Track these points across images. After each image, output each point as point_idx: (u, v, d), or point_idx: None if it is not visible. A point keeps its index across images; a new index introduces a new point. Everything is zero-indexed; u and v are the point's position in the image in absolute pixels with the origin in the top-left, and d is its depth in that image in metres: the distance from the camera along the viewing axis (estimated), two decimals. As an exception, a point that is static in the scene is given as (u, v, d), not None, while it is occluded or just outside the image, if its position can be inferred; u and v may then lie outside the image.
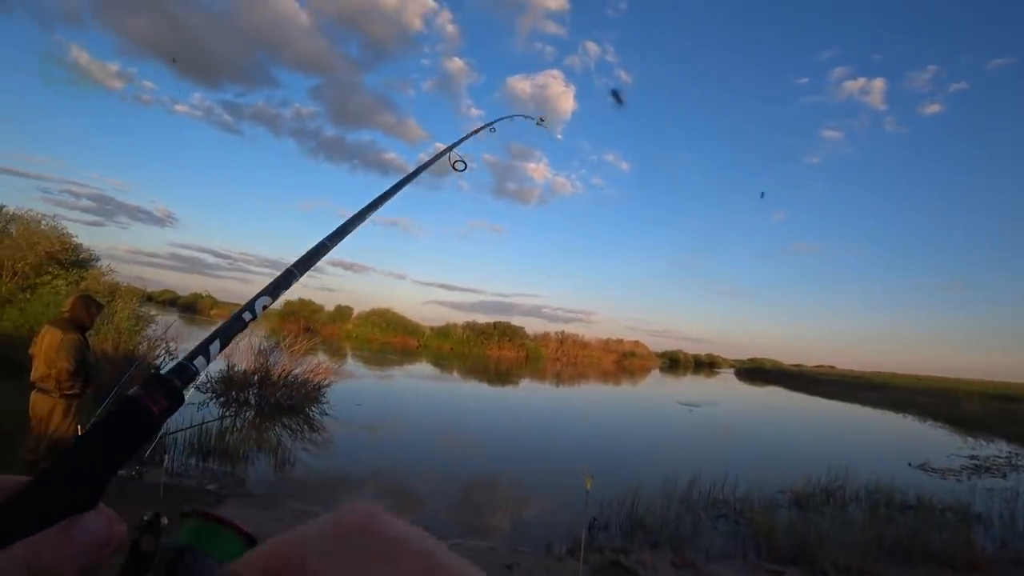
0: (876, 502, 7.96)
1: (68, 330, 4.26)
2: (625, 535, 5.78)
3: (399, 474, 7.73)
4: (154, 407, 0.37)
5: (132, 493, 4.24)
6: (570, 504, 6.92)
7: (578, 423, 15.39)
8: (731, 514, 6.92)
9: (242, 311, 0.55)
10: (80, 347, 4.29)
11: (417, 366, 29.10)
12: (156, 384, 0.38)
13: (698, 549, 5.53)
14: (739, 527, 6.52)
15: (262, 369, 11.36)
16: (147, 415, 0.36)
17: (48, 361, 4.10)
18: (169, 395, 0.38)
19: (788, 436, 17.53)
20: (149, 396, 0.37)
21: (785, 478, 8.63)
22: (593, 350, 61.32)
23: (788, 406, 30.37)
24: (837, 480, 8.55)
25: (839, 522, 6.90)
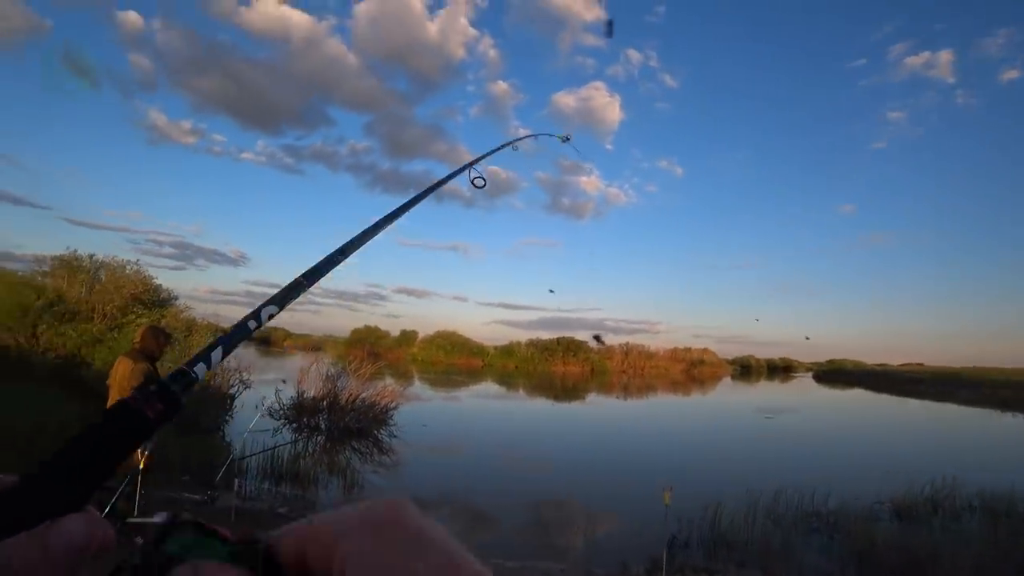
0: (995, 512, 7.10)
1: (138, 360, 4.40)
2: (708, 553, 5.38)
3: (468, 494, 7.59)
4: (150, 412, 0.37)
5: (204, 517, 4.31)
6: (646, 522, 6.56)
7: (650, 436, 14.82)
8: (824, 528, 6.35)
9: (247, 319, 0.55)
10: (150, 376, 4.41)
11: (483, 385, 29.12)
12: (154, 390, 0.39)
13: (790, 568, 5.07)
14: (834, 542, 5.96)
15: (330, 394, 11.60)
16: (142, 419, 0.37)
17: (120, 390, 4.24)
18: (165, 400, 0.39)
19: (880, 442, 16.19)
20: (146, 401, 0.37)
21: (882, 488, 7.86)
22: (660, 360, 59.54)
23: (876, 409, 28.24)
24: (944, 488, 7.73)
25: (952, 536, 6.20)
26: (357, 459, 9.52)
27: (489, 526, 6.46)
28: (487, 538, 5.98)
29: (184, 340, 10.66)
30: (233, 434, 9.54)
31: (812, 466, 10.11)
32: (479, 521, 6.67)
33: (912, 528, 6.41)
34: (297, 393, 11.56)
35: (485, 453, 10.99)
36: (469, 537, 5.99)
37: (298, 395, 11.53)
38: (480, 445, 11.81)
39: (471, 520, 6.69)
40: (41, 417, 6.87)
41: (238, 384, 10.49)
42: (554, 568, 4.53)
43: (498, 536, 6.02)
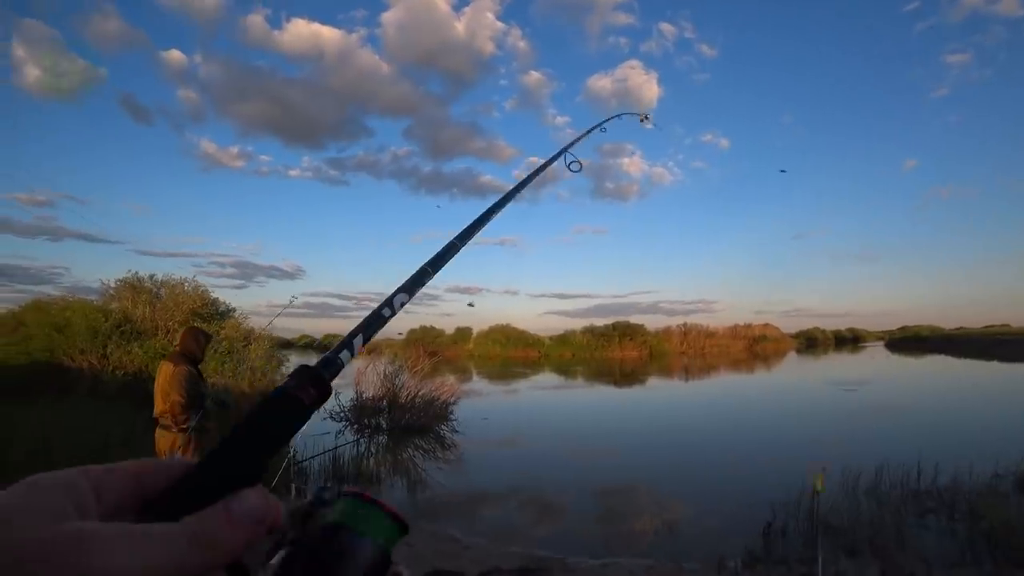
0: None
1: (179, 363, 4.25)
2: (809, 542, 4.80)
3: (536, 487, 7.24)
4: (305, 397, 0.39)
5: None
6: (732, 509, 6.03)
7: (720, 418, 14.04)
8: (941, 508, 5.62)
9: (381, 307, 0.58)
10: (192, 379, 4.25)
11: (540, 376, 28.76)
12: (306, 376, 0.41)
13: (909, 555, 4.45)
14: (956, 523, 5.25)
15: (389, 393, 11.51)
16: (299, 404, 0.39)
17: (164, 395, 4.10)
18: (318, 386, 0.41)
19: (977, 410, 14.81)
20: (300, 388, 0.40)
21: (996, 460, 6.97)
22: (720, 338, 57.71)
23: (964, 376, 26.15)
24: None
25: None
26: (420, 456, 9.34)
27: (562, 519, 6.09)
28: (558, 530, 5.60)
29: (242, 350, 10.78)
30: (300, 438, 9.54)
31: (908, 440, 9.19)
32: (548, 512, 6.31)
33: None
34: (356, 394, 11.52)
35: (549, 443, 10.62)
36: (539, 529, 5.64)
37: (357, 396, 11.49)
38: (543, 435, 11.45)
39: (540, 511, 6.34)
40: (110, 428, 6.99)
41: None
42: (639, 565, 4.10)
43: (572, 530, 5.63)
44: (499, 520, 5.94)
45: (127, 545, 0.27)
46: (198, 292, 13.19)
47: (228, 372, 9.57)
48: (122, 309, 12.19)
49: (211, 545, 0.30)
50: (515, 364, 38.44)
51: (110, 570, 0.26)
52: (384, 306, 0.58)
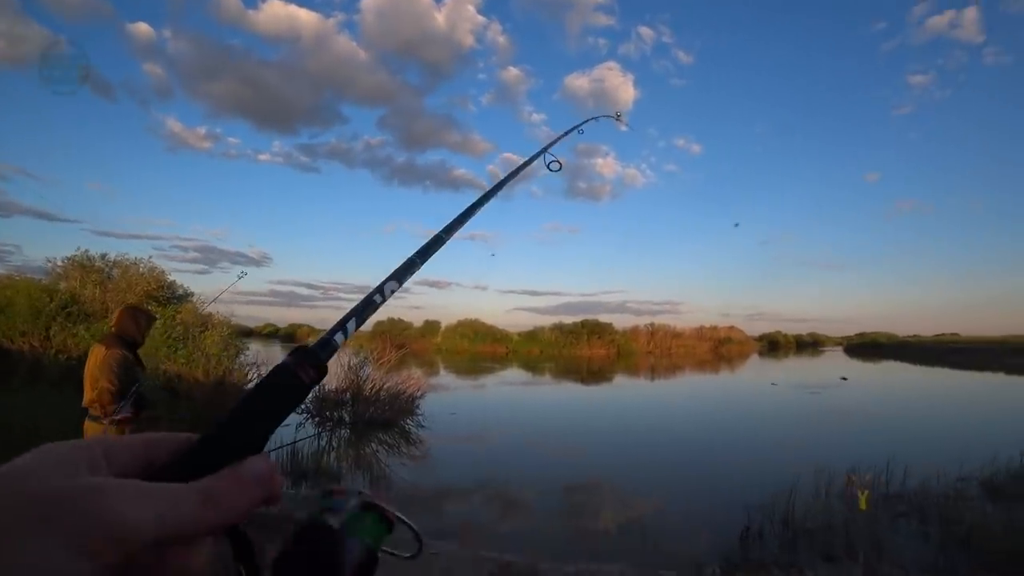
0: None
1: (113, 346, 3.79)
2: (786, 545, 4.69)
3: (505, 485, 6.99)
4: (304, 376, 0.41)
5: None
6: (706, 511, 5.90)
7: (688, 418, 14.06)
8: (912, 512, 5.59)
9: (373, 293, 0.58)
10: (126, 364, 3.77)
11: (509, 372, 28.54)
12: (305, 356, 0.42)
13: (884, 559, 4.35)
14: (929, 527, 5.21)
15: (353, 386, 11.10)
16: (299, 381, 0.40)
17: (92, 382, 3.66)
18: (315, 366, 0.42)
19: (936, 415, 15.22)
20: (299, 365, 0.41)
21: (959, 463, 7.03)
22: (686, 339, 58.57)
23: (921, 381, 26.99)
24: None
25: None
26: (384, 451, 9.01)
27: (528, 518, 5.85)
28: (528, 532, 5.37)
29: (199, 336, 10.21)
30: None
31: (874, 443, 9.27)
32: (517, 512, 6.08)
33: (1011, 508, 5.62)
34: (318, 385, 11.11)
35: (517, 440, 10.39)
36: (508, 530, 5.40)
37: (319, 387, 11.05)
38: (511, 432, 11.22)
39: (508, 511, 6.10)
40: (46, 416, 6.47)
41: (255, 377, 10.02)
42: (613, 570, 3.88)
43: (539, 530, 5.41)
44: (467, 521, 5.66)
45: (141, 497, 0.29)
46: (154, 274, 12.52)
47: (181, 359, 9.01)
48: (69, 289, 11.46)
49: (220, 503, 0.32)
50: (483, 359, 38.15)
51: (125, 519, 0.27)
52: (375, 292, 0.60)
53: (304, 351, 0.43)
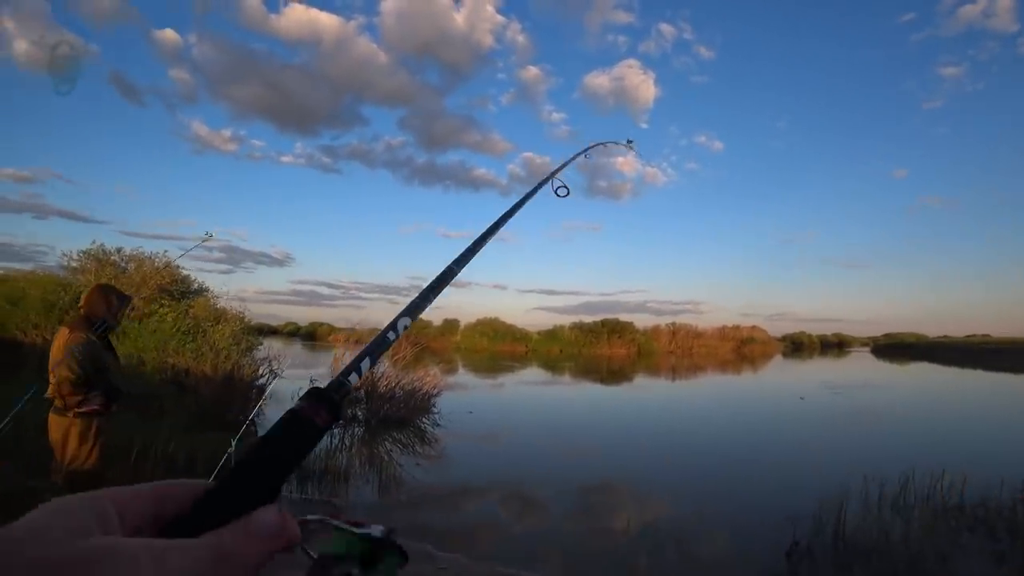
0: None
1: (78, 329, 3.36)
2: (840, 566, 4.18)
3: (522, 492, 6.55)
4: (318, 419, 0.41)
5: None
6: (746, 524, 5.37)
7: (719, 422, 13.47)
8: (976, 526, 5.02)
9: (386, 331, 0.59)
10: (90, 349, 3.33)
11: (529, 371, 28.11)
12: (319, 399, 0.42)
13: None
14: (999, 545, 4.65)
15: (368, 382, 10.77)
16: (312, 425, 0.41)
17: (53, 363, 3.24)
18: (330, 409, 0.42)
19: (982, 418, 14.41)
20: (313, 409, 0.41)
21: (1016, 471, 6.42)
22: (708, 339, 57.57)
23: (957, 383, 25.86)
24: None
25: None
26: (398, 450, 8.64)
27: (548, 529, 5.40)
28: (548, 545, 4.94)
29: (212, 329, 9.99)
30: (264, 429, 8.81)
31: (919, 447, 8.68)
32: (535, 522, 5.63)
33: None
34: (332, 382, 10.80)
35: (536, 442, 9.94)
36: (525, 542, 4.98)
37: (333, 384, 10.77)
38: (530, 434, 10.78)
39: (526, 520, 5.66)
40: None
41: (268, 373, 9.75)
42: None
43: (561, 544, 4.98)
44: (481, 529, 5.24)
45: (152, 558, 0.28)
46: (168, 268, 12.37)
47: (189, 353, 8.77)
48: (85, 283, 11.36)
49: (232, 559, 0.32)
50: (502, 358, 37.77)
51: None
52: (388, 329, 0.60)
53: (317, 394, 0.43)
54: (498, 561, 4.10)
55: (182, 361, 8.59)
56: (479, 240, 0.86)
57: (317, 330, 64.39)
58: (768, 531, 4.88)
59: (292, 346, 43.61)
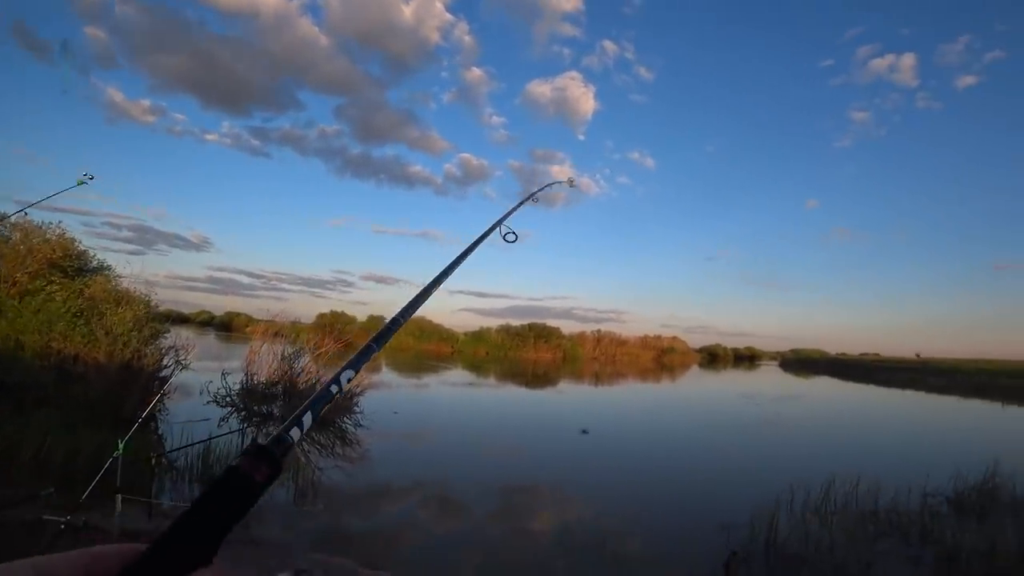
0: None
1: None
2: (775, 574, 4.17)
3: (451, 500, 6.22)
4: (257, 475, 0.41)
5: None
6: (679, 533, 5.31)
7: (643, 428, 13.70)
8: (891, 531, 5.22)
9: (329, 384, 0.60)
10: None
11: (454, 372, 27.68)
12: (258, 454, 0.42)
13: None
14: (911, 548, 4.84)
15: (286, 378, 10.07)
16: (250, 482, 0.40)
17: None
18: (270, 465, 0.42)
19: (882, 428, 15.51)
20: (252, 465, 0.41)
21: (925, 479, 6.83)
22: (631, 347, 59.27)
23: (860, 397, 27.88)
24: (989, 479, 6.74)
25: None
26: (317, 452, 8.07)
27: (477, 541, 5.13)
28: (477, 558, 4.67)
29: (110, 312, 8.94)
30: (169, 426, 7.97)
31: (835, 456, 9.11)
32: (464, 533, 5.34)
33: (984, 525, 5.35)
34: (246, 376, 9.99)
35: (463, 447, 9.63)
36: (453, 555, 4.68)
37: (247, 378, 9.96)
38: (457, 437, 10.45)
39: (454, 531, 5.35)
40: None
41: (173, 363, 8.84)
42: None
43: (487, 548, 4.72)
44: (409, 541, 4.88)
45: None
46: (61, 240, 11.03)
47: (80, 336, 7.75)
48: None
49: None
50: (428, 357, 37.10)
51: None
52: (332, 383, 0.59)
53: (257, 449, 0.42)
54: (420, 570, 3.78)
55: (70, 346, 7.58)
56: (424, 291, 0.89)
57: (234, 320, 60.75)
58: (704, 541, 4.85)
59: (205, 336, 40.86)
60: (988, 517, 5.71)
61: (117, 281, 10.95)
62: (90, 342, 7.77)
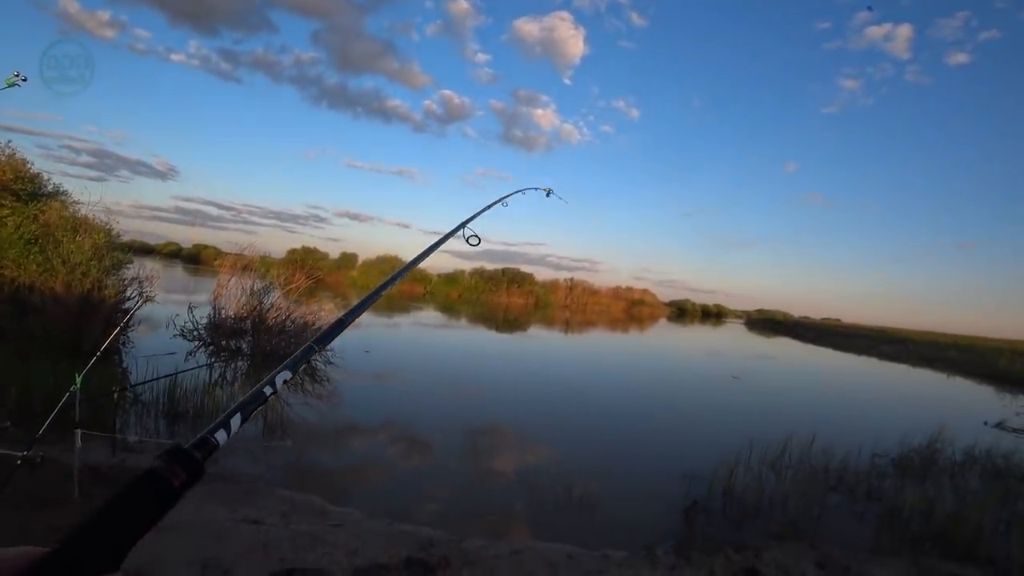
0: (996, 470, 6.54)
1: None
2: (732, 522, 4.36)
3: (422, 440, 6.30)
4: (175, 480, 0.39)
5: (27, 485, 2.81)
6: (641, 483, 5.48)
7: (611, 378, 14.01)
8: (840, 487, 5.49)
9: (263, 385, 0.58)
10: None
11: (426, 313, 27.73)
12: (177, 457, 0.41)
13: (824, 536, 4.14)
14: (856, 503, 5.12)
15: (255, 313, 9.89)
16: (167, 486, 0.39)
17: None
18: (189, 468, 0.41)
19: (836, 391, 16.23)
20: (170, 469, 0.40)
21: (871, 440, 7.20)
22: (602, 298, 60.20)
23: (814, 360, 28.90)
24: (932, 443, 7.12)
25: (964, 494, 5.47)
26: (286, 388, 8.03)
27: (447, 482, 5.21)
28: (447, 499, 4.76)
29: (68, 240, 8.54)
30: (134, 360, 7.80)
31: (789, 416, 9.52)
32: (434, 475, 5.42)
33: (922, 485, 5.68)
34: (214, 310, 9.78)
35: (435, 386, 9.71)
36: (424, 495, 4.77)
37: (215, 313, 9.76)
38: (425, 373, 10.56)
39: (425, 473, 5.42)
40: None
41: (137, 296, 8.56)
42: (557, 553, 3.32)
43: (460, 498, 4.82)
44: (376, 479, 4.94)
45: None
46: (12, 161, 10.37)
47: (34, 265, 7.40)
48: None
49: None
50: (400, 298, 37.02)
51: None
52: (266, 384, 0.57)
53: (177, 453, 0.40)
54: (388, 508, 3.84)
55: (25, 275, 7.24)
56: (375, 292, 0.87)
57: (202, 253, 59.29)
58: (665, 490, 5.03)
59: (173, 269, 39.83)
60: (928, 478, 6.05)
61: (75, 208, 10.44)
62: (46, 271, 7.44)
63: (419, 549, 2.99)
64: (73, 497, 3.09)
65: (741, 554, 3.42)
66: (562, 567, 3.05)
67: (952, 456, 6.97)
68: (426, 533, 3.34)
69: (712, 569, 3.18)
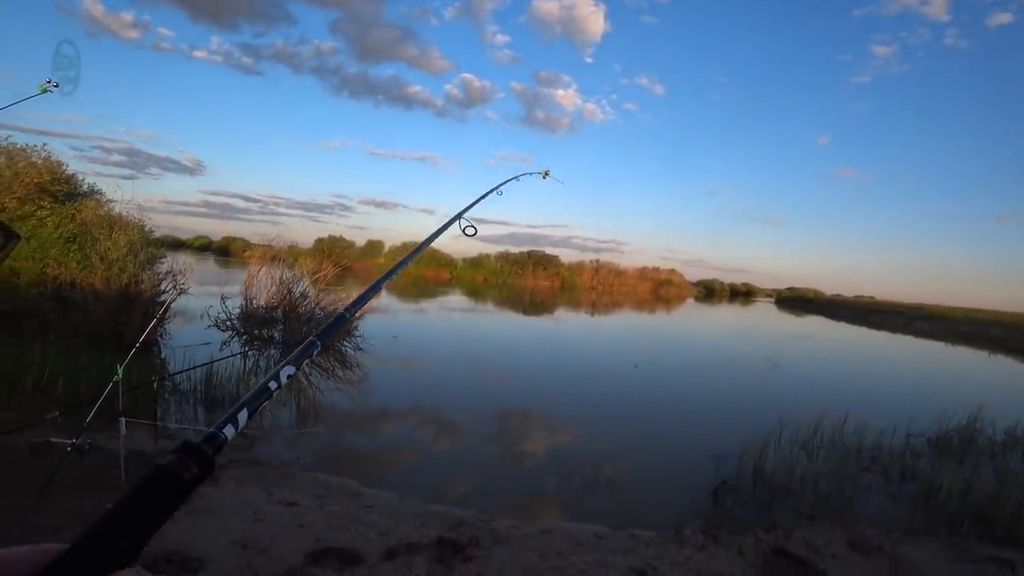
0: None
1: None
2: (761, 503, 4.35)
3: (454, 423, 6.39)
4: (186, 474, 0.40)
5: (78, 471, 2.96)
6: (670, 463, 5.48)
7: (640, 359, 13.96)
8: (873, 467, 5.40)
9: (268, 380, 0.59)
10: None
11: (453, 297, 27.93)
12: (189, 452, 0.41)
13: (857, 518, 4.09)
14: (891, 484, 5.03)
15: (286, 302, 10.11)
16: (179, 482, 0.39)
17: None
18: (201, 462, 0.41)
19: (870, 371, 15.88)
20: (182, 463, 0.40)
21: (906, 420, 6.98)
22: (629, 278, 59.62)
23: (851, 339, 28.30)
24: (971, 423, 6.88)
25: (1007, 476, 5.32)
26: (318, 375, 8.23)
27: (479, 465, 5.30)
28: (478, 481, 4.83)
29: (105, 238, 8.83)
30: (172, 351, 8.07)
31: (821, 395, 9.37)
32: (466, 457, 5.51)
33: (959, 465, 5.54)
34: (245, 300, 10.03)
35: (466, 371, 9.81)
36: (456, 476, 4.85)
37: (247, 303, 10.00)
38: (454, 358, 10.67)
39: (457, 456, 5.52)
40: None
41: (171, 288, 8.84)
42: (585, 532, 3.37)
43: (492, 479, 4.89)
44: (407, 462, 5.05)
45: None
46: (48, 164, 10.73)
47: (74, 262, 7.70)
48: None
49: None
50: (426, 283, 37.34)
51: None
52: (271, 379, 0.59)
53: (188, 448, 0.42)
54: (419, 490, 3.93)
55: (66, 272, 7.53)
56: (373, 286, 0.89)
57: (231, 245, 60.53)
58: (694, 471, 5.03)
59: (204, 262, 40.85)
60: (966, 459, 5.90)
61: (110, 206, 10.77)
62: (85, 267, 7.72)
63: (450, 529, 3.07)
64: (120, 482, 3.25)
65: (771, 534, 3.42)
66: (590, 546, 3.10)
67: (992, 436, 6.76)
68: (456, 513, 3.42)
69: (741, 549, 3.19)
